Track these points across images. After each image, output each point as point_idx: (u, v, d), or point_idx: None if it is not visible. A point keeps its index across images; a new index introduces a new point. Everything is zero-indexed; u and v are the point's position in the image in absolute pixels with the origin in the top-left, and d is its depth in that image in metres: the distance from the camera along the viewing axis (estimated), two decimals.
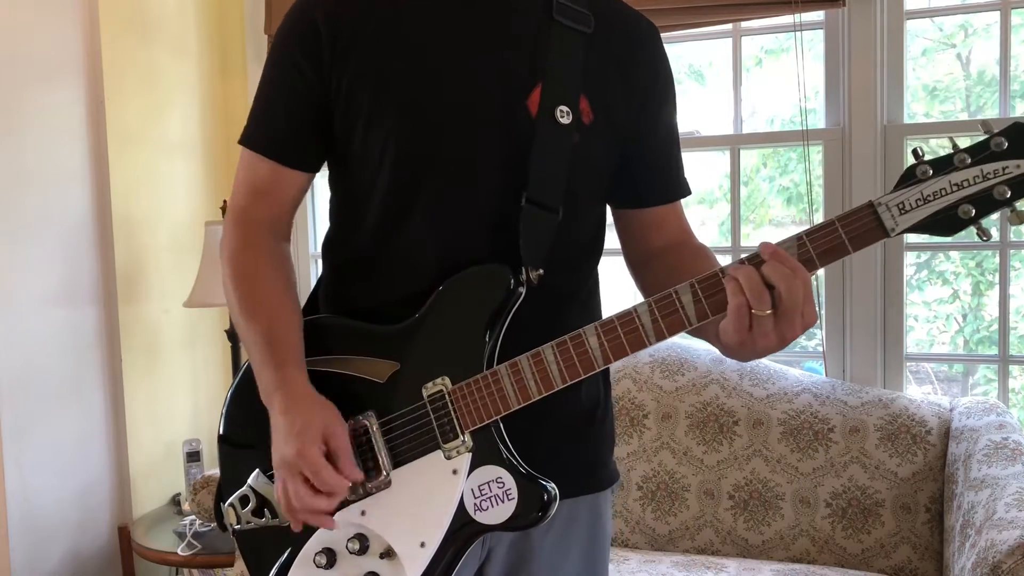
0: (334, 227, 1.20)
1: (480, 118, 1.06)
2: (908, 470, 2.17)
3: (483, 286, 1.05)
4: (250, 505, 1.10)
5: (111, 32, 2.52)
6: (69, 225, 2.45)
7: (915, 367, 3.86)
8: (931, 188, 0.87)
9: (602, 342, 0.98)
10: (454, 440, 1.03)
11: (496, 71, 1.07)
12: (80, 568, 2.47)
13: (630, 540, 2.36)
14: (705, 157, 3.94)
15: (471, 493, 1.02)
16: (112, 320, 2.55)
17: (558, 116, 1.05)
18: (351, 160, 1.12)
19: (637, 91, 1.15)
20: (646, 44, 1.18)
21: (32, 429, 2.32)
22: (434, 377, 1.04)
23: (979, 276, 4.01)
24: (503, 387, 1.01)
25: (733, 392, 2.35)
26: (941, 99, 4.05)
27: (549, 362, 1.00)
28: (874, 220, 0.89)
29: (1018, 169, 0.86)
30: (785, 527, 2.24)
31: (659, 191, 1.21)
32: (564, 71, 1.07)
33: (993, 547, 1.54)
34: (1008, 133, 0.86)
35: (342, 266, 1.17)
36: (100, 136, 2.51)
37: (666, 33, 2.62)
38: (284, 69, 1.12)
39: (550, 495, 1.01)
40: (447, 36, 1.07)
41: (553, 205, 1.06)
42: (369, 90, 1.07)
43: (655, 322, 0.96)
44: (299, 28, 1.11)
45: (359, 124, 1.08)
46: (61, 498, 2.41)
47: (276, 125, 1.14)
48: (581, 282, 1.17)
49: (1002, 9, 2.39)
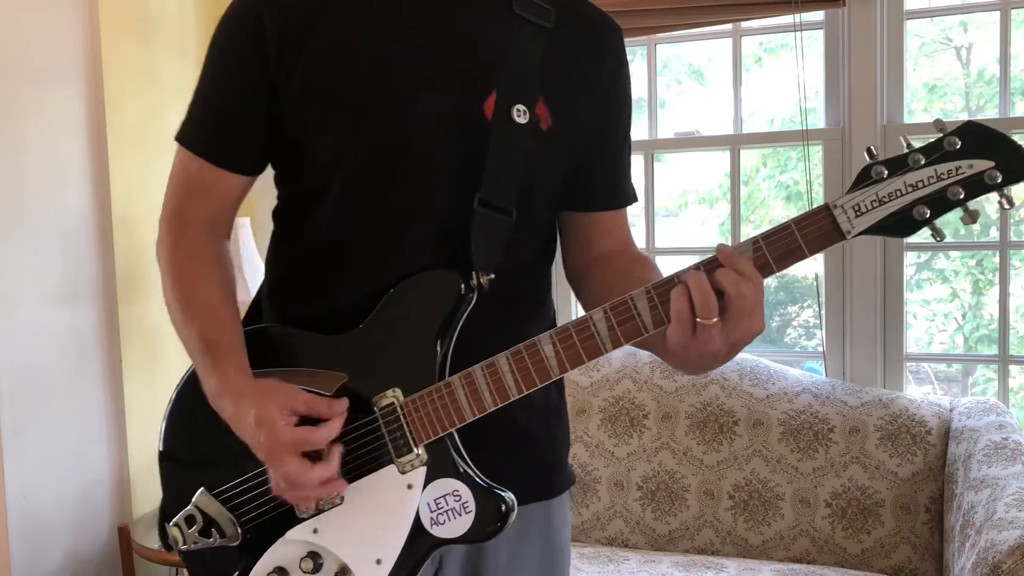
0: (280, 230, 1.15)
1: (434, 123, 1.02)
2: (908, 470, 2.17)
3: (432, 292, 1.01)
4: (196, 525, 1.06)
5: (111, 32, 2.52)
6: (69, 225, 2.45)
7: (915, 367, 3.87)
8: (886, 189, 0.86)
9: (558, 350, 0.95)
10: (408, 454, 0.99)
11: (452, 74, 1.02)
12: (80, 568, 2.47)
13: (630, 540, 2.36)
14: (705, 157, 3.95)
15: (427, 507, 0.99)
16: (112, 320, 2.55)
17: (514, 115, 1.02)
18: (299, 163, 1.08)
19: (598, 95, 1.11)
20: (609, 46, 1.13)
21: (32, 429, 2.32)
22: (384, 389, 1.00)
23: (979, 275, 4.01)
24: (457, 399, 0.98)
25: (733, 392, 2.35)
26: (940, 95, 4.05)
27: (504, 372, 0.96)
28: (830, 223, 0.88)
29: (971, 169, 0.85)
30: (785, 527, 2.24)
31: (607, 197, 1.17)
32: (522, 69, 1.03)
33: (993, 547, 1.54)
34: (961, 132, 0.85)
35: (288, 271, 1.13)
36: (100, 136, 2.51)
37: (666, 33, 2.62)
38: (226, 68, 1.08)
39: (508, 505, 0.99)
40: (401, 36, 1.03)
41: (506, 207, 1.03)
42: (320, 94, 1.03)
43: (611, 329, 0.93)
44: (243, 27, 1.05)
45: (308, 128, 1.04)
46: (61, 498, 2.41)
47: (215, 125, 1.09)
48: (534, 288, 1.14)
49: (1002, 9, 2.39)
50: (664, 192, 4.08)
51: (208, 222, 1.12)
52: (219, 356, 1.03)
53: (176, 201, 1.12)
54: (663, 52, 3.35)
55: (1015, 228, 3.30)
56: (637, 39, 2.69)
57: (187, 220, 1.11)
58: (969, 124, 0.86)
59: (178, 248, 1.10)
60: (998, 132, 0.85)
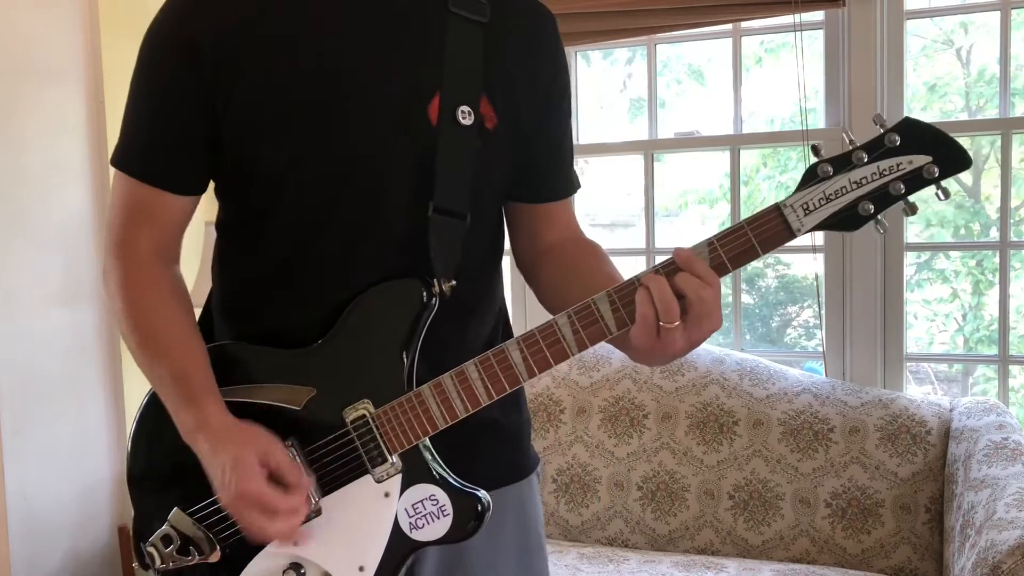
0: (227, 243, 1.13)
1: (380, 132, 1.01)
2: (908, 470, 2.17)
3: (395, 302, 1.02)
4: (173, 544, 1.05)
5: (111, 33, 2.52)
6: (69, 225, 2.45)
7: (915, 367, 3.87)
8: (832, 187, 0.91)
9: (525, 356, 0.97)
10: (383, 463, 1.00)
11: (394, 80, 1.02)
12: (80, 568, 2.47)
13: (630, 540, 2.36)
14: (705, 157, 3.95)
15: (405, 513, 1.01)
16: (112, 320, 2.55)
17: (459, 117, 1.02)
18: (245, 178, 1.05)
19: (539, 86, 1.11)
20: (546, 34, 1.13)
21: (32, 429, 2.32)
22: (354, 401, 1.01)
23: (979, 275, 4.01)
24: (428, 408, 0.99)
25: (733, 392, 2.35)
26: (940, 95, 4.05)
27: (474, 379, 0.98)
28: (781, 222, 0.92)
29: (911, 165, 0.90)
30: (785, 527, 2.24)
31: (553, 187, 1.18)
32: (463, 69, 1.03)
33: (993, 547, 1.54)
34: (900, 129, 0.90)
35: (240, 286, 1.11)
36: (100, 136, 2.51)
37: (666, 33, 2.62)
38: (159, 86, 1.04)
39: (484, 504, 1.01)
40: (342, 44, 1.01)
41: (461, 211, 1.03)
42: (262, 108, 1.01)
43: (576, 333, 0.96)
44: (174, 40, 1.02)
45: (253, 143, 1.02)
46: (61, 498, 2.41)
47: (153, 147, 1.06)
48: (487, 286, 1.15)
49: (1002, 9, 2.39)
50: (664, 192, 4.09)
51: (156, 249, 1.09)
52: (193, 391, 1.02)
53: (121, 229, 1.08)
54: (663, 52, 3.36)
55: (1015, 228, 3.30)
56: (637, 39, 2.69)
57: (135, 249, 1.08)
58: (907, 120, 0.90)
59: (130, 281, 1.07)
60: (935, 128, 0.90)
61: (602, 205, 4.11)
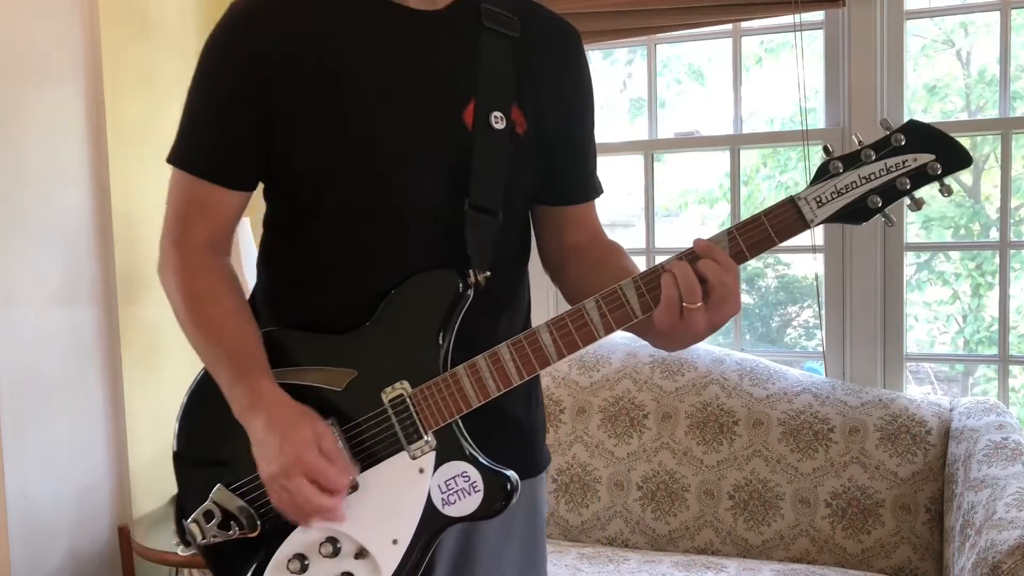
0: (274, 238, 1.20)
1: (420, 136, 1.09)
2: (908, 470, 2.17)
3: (433, 291, 1.09)
4: (215, 520, 1.11)
5: (111, 32, 2.52)
6: (69, 225, 2.45)
7: (915, 367, 3.87)
8: (843, 182, 0.98)
9: (555, 338, 1.04)
10: (418, 440, 1.07)
11: (433, 88, 1.10)
12: (80, 568, 2.47)
13: (630, 540, 2.36)
14: (705, 157, 3.95)
15: (438, 489, 1.07)
16: (112, 320, 2.55)
17: (492, 122, 1.10)
18: (292, 178, 1.13)
19: (565, 96, 1.20)
20: (571, 48, 1.22)
21: (32, 429, 2.32)
22: (392, 382, 1.07)
23: (979, 277, 4.01)
24: (463, 387, 1.06)
25: (733, 392, 2.35)
26: (940, 95, 4.05)
27: (506, 360, 1.05)
28: (795, 213, 0.99)
29: (915, 162, 0.97)
30: (785, 527, 2.24)
31: (578, 190, 1.26)
32: (496, 78, 1.12)
33: (993, 547, 1.54)
34: (905, 130, 0.98)
35: (285, 278, 1.18)
36: (100, 136, 2.51)
37: (666, 33, 2.63)
38: (217, 89, 1.13)
39: (512, 484, 1.07)
40: (385, 57, 1.10)
41: (494, 208, 1.11)
42: (311, 114, 1.09)
43: (603, 317, 1.02)
44: (234, 50, 1.11)
45: (300, 145, 1.10)
46: (61, 498, 2.41)
47: (211, 144, 1.14)
48: (515, 283, 1.21)
49: (1002, 9, 2.39)
50: (664, 192, 4.08)
51: (210, 241, 1.16)
52: (248, 368, 1.08)
53: (177, 223, 1.16)
54: (663, 52, 3.36)
55: (1015, 228, 3.30)
56: (637, 39, 2.69)
57: (190, 241, 1.15)
58: (912, 122, 0.99)
59: (187, 269, 1.14)
60: (937, 129, 0.98)
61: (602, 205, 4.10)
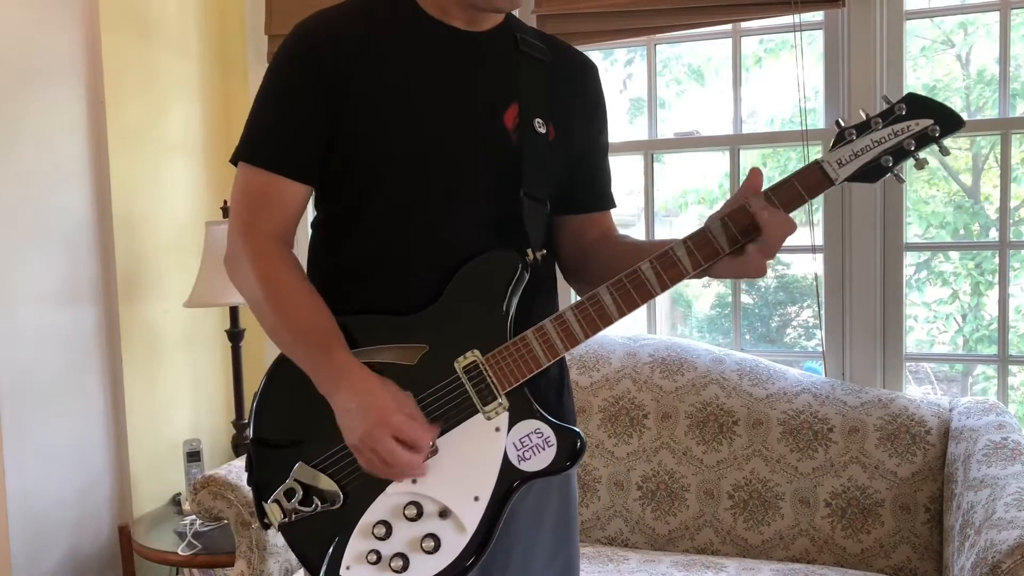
0: (327, 235, 1.29)
1: (469, 139, 1.22)
2: (908, 470, 2.17)
3: (496, 269, 1.19)
4: (296, 496, 1.18)
5: (111, 32, 2.53)
6: (69, 225, 2.45)
7: (915, 367, 3.87)
8: (859, 145, 1.15)
9: (615, 298, 1.16)
10: (492, 402, 1.17)
11: (478, 98, 1.24)
12: (80, 568, 2.47)
13: (630, 540, 2.36)
14: (705, 157, 3.95)
15: (513, 446, 1.16)
16: (112, 320, 2.56)
17: (536, 127, 1.25)
18: (352, 177, 1.23)
19: (587, 116, 1.36)
20: (590, 76, 1.38)
21: (32, 429, 2.32)
22: (463, 351, 1.17)
23: (978, 276, 4.01)
24: (532, 348, 1.17)
25: (733, 392, 2.35)
26: (940, 96, 4.05)
27: (571, 322, 1.16)
28: (821, 173, 1.15)
29: (917, 126, 1.13)
30: (785, 527, 2.24)
31: (596, 200, 1.40)
32: (535, 92, 1.27)
33: (992, 547, 1.54)
34: (905, 100, 1.14)
35: (341, 270, 1.26)
36: (100, 136, 2.51)
37: (666, 33, 2.63)
38: (290, 89, 1.22)
39: (582, 440, 1.17)
40: (436, 68, 1.23)
41: (543, 198, 1.26)
42: (372, 114, 1.20)
43: (658, 275, 1.15)
44: (307, 52, 1.21)
45: (360, 151, 1.21)
46: (61, 498, 2.41)
47: (278, 139, 1.22)
48: (552, 262, 1.35)
49: (1002, 9, 2.39)
50: (664, 192, 4.09)
51: (276, 233, 1.23)
52: (330, 344, 1.16)
53: (246, 215, 1.23)
54: (663, 52, 3.36)
55: (1014, 228, 3.30)
56: (637, 39, 2.69)
57: (260, 232, 1.22)
58: (910, 95, 1.14)
59: (260, 256, 1.21)
60: (931, 98, 1.14)
61: None
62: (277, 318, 1.19)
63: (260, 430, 1.24)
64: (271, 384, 1.25)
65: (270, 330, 1.21)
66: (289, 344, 1.20)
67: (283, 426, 1.23)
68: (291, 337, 1.19)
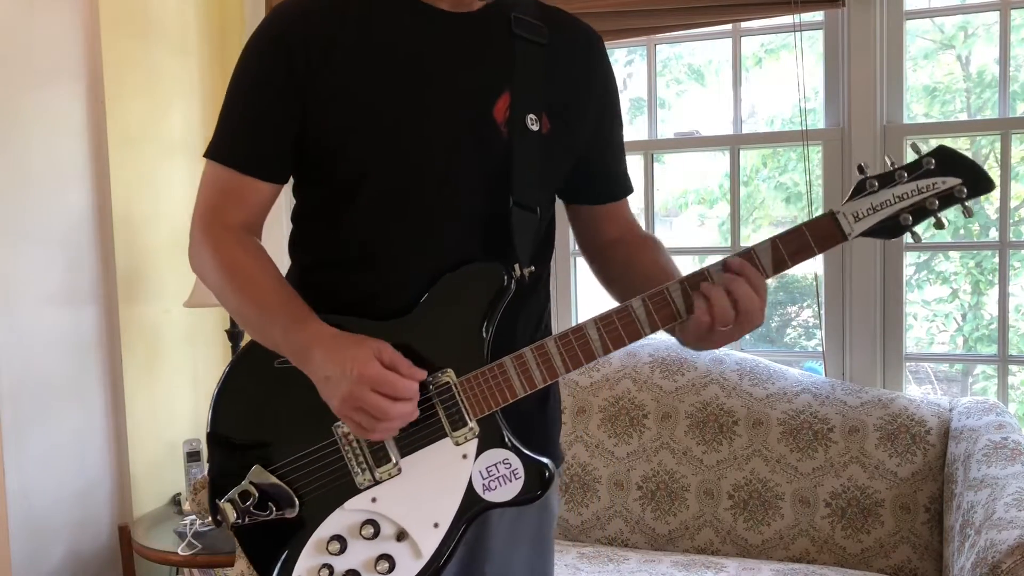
0: (306, 228, 1.23)
1: (454, 131, 1.13)
2: (908, 470, 2.17)
3: (478, 282, 1.12)
4: (251, 500, 1.13)
5: (111, 32, 2.52)
6: (69, 225, 2.45)
7: (915, 367, 3.87)
8: (879, 199, 1.06)
9: (602, 334, 1.09)
10: (462, 427, 1.10)
11: (464, 87, 1.14)
12: (80, 568, 2.47)
13: (630, 540, 2.36)
14: (705, 157, 3.95)
15: (479, 475, 1.11)
16: (112, 320, 2.56)
17: (528, 124, 1.15)
18: (328, 172, 1.16)
19: (593, 99, 1.25)
20: (596, 53, 1.26)
21: (32, 429, 2.32)
22: (437, 370, 1.10)
23: (978, 276, 4.01)
24: (509, 377, 1.10)
25: (733, 392, 2.35)
26: (941, 100, 4.05)
27: (553, 354, 1.10)
28: (835, 226, 1.06)
29: (944, 185, 1.05)
30: (785, 527, 2.24)
31: (610, 189, 1.32)
32: (529, 83, 1.16)
33: (993, 547, 1.54)
34: (935, 154, 1.05)
35: (319, 263, 1.20)
36: (100, 136, 2.51)
37: (666, 33, 2.63)
38: (257, 85, 1.15)
39: (550, 472, 1.11)
40: (418, 57, 1.13)
41: (533, 206, 1.16)
42: (346, 112, 1.12)
43: (649, 315, 1.09)
44: (274, 47, 1.14)
45: (338, 142, 1.13)
46: (61, 498, 2.41)
47: (246, 138, 1.16)
48: (541, 276, 1.25)
49: (1002, 9, 2.39)
50: (664, 192, 4.09)
51: (242, 224, 1.18)
52: (301, 313, 1.11)
53: (209, 210, 1.18)
54: (663, 52, 3.36)
55: (1014, 228, 3.30)
56: (637, 39, 2.69)
57: (223, 221, 1.17)
58: (941, 148, 1.05)
59: (222, 243, 1.16)
60: (964, 155, 1.05)
61: None
62: (242, 299, 1.14)
63: (218, 425, 1.19)
64: (232, 378, 1.20)
65: (235, 311, 1.17)
66: (256, 320, 1.13)
67: (243, 425, 1.18)
68: (258, 312, 1.13)
